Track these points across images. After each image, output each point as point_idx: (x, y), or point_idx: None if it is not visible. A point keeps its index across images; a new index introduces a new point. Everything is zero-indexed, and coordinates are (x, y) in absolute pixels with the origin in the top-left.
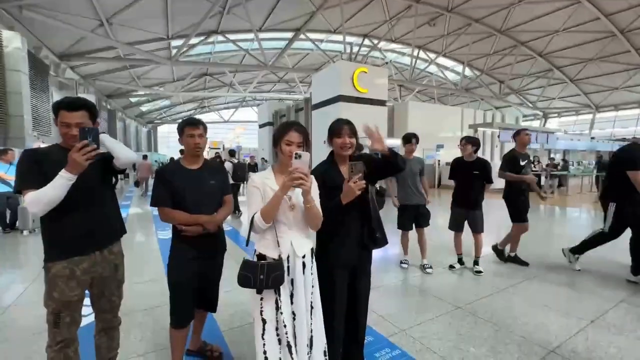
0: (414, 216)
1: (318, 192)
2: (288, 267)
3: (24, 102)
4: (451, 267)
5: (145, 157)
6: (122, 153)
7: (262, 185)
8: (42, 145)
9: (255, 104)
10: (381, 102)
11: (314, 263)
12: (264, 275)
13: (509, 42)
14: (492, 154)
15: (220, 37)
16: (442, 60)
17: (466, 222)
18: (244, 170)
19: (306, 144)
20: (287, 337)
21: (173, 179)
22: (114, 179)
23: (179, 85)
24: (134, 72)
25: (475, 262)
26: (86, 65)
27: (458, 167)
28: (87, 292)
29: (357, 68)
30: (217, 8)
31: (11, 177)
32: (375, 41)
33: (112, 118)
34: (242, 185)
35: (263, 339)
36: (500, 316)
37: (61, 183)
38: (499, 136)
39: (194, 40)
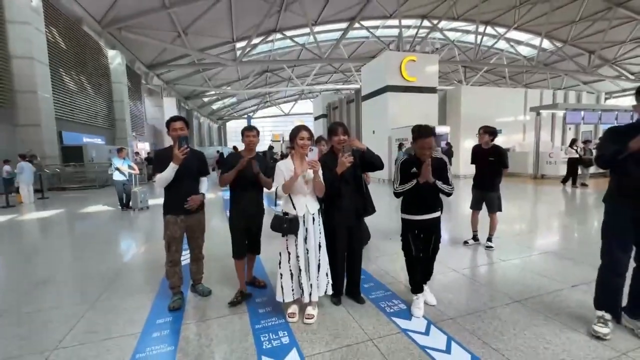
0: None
1: (322, 172)
2: (304, 220)
3: (125, 108)
4: (465, 242)
5: (217, 151)
6: (203, 189)
7: (284, 168)
8: (140, 144)
9: (313, 97)
10: (431, 90)
11: (321, 218)
12: (287, 224)
13: (601, 4)
14: (565, 139)
15: (278, 35)
16: (513, 34)
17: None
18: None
19: (311, 138)
20: (300, 264)
21: (233, 162)
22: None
23: (244, 83)
24: (205, 75)
25: (488, 239)
26: (168, 72)
27: (477, 154)
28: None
29: (405, 57)
30: (275, 8)
31: (126, 169)
32: (435, 21)
33: (190, 117)
34: None
35: (289, 263)
36: (488, 279)
37: (169, 169)
38: (564, 118)
39: (255, 41)
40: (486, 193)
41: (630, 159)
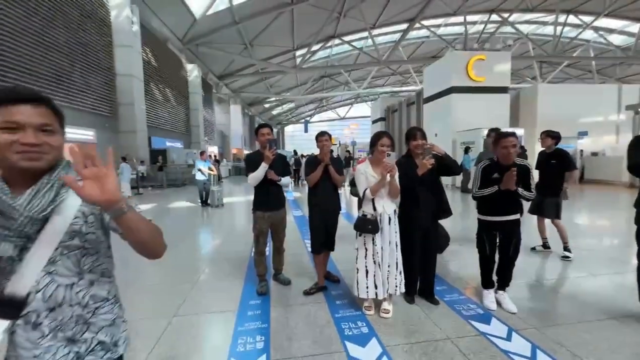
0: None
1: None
2: (381, 220)
3: (199, 115)
4: (532, 249)
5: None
6: (284, 184)
7: (364, 172)
8: (210, 147)
9: (369, 100)
10: (502, 90)
11: (397, 219)
12: (371, 225)
13: None
14: None
15: (337, 41)
16: (603, 21)
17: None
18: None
19: (392, 145)
20: (378, 259)
21: (316, 164)
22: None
23: (302, 89)
24: (267, 82)
25: (564, 249)
26: (235, 82)
27: (541, 157)
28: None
29: (473, 57)
30: (334, 15)
31: (207, 170)
32: (506, 15)
33: (252, 122)
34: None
35: (365, 259)
36: (577, 292)
37: (261, 169)
38: None
39: (314, 48)
40: (545, 198)
41: None
